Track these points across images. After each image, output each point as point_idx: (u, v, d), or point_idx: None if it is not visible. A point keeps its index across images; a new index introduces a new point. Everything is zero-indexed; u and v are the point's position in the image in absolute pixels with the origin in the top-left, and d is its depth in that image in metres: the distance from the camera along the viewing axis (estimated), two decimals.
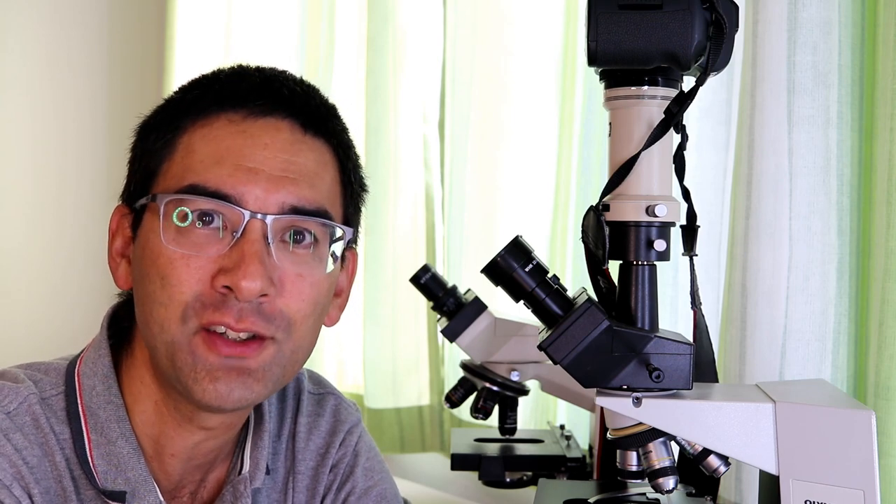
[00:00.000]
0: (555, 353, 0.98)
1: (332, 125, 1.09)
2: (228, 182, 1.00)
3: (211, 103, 1.04)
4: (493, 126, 1.95)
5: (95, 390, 1.05)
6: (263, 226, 1.00)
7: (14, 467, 0.99)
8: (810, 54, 1.29)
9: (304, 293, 1.02)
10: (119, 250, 1.09)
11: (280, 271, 1.00)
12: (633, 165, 1.00)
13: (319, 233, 1.04)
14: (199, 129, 1.04)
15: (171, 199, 1.01)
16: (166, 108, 1.08)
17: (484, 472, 1.50)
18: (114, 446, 1.03)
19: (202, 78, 1.09)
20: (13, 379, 1.05)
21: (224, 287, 0.98)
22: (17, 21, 2.89)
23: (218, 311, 0.98)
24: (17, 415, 1.02)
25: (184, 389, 1.01)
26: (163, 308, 0.99)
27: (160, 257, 1.00)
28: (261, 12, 2.54)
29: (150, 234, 1.02)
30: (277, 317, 1.01)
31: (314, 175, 1.04)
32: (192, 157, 1.02)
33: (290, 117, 1.05)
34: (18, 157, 2.91)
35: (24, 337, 2.86)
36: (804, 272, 1.30)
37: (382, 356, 2.16)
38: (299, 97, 1.07)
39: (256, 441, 1.13)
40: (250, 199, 1.00)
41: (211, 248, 0.99)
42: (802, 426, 0.99)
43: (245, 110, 1.04)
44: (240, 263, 0.98)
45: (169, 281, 0.99)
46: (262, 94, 1.05)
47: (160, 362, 1.02)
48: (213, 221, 1.00)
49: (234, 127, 1.03)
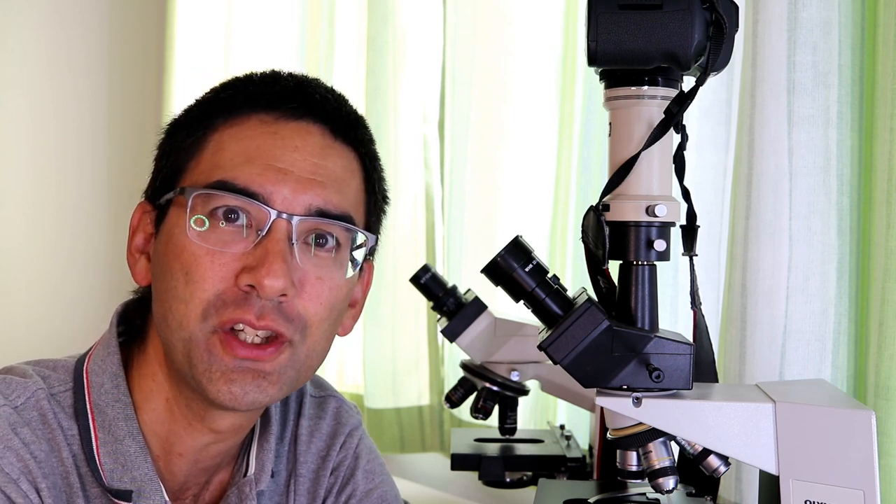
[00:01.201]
0: (555, 353, 0.98)
1: (361, 134, 1.10)
2: (258, 180, 1.01)
3: (243, 103, 1.05)
4: (493, 126, 1.95)
5: (104, 388, 1.05)
6: (289, 226, 1.00)
7: (21, 461, 0.98)
8: (810, 54, 1.29)
9: (323, 296, 1.03)
10: (139, 246, 1.09)
11: (301, 273, 1.01)
12: (633, 165, 0.99)
13: (342, 237, 1.05)
14: (230, 128, 1.04)
15: (199, 194, 1.01)
16: (197, 107, 1.09)
17: (484, 472, 1.50)
18: (121, 445, 1.04)
19: (235, 79, 1.10)
20: (21, 374, 1.05)
21: (247, 285, 0.99)
22: (17, 21, 2.89)
23: (239, 309, 0.99)
24: (24, 409, 1.02)
25: (198, 387, 1.01)
26: (183, 304, 1.00)
27: (184, 252, 1.00)
28: (261, 12, 2.54)
29: (174, 228, 1.03)
30: (295, 318, 1.01)
31: (341, 181, 1.05)
32: (221, 155, 1.03)
33: (321, 122, 1.06)
34: (18, 157, 2.91)
35: (24, 337, 2.86)
36: (804, 272, 1.30)
37: (382, 356, 2.16)
38: (330, 103, 1.08)
39: (262, 443, 1.13)
40: (278, 198, 1.01)
41: (236, 245, 1.00)
42: (802, 426, 0.99)
43: (277, 112, 1.05)
44: (263, 261, 0.98)
45: (192, 277, 0.99)
46: (295, 97, 1.06)
47: (176, 359, 1.02)
48: (238, 219, 1.01)
49: (266, 128, 1.04)
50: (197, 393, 1.03)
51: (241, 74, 1.11)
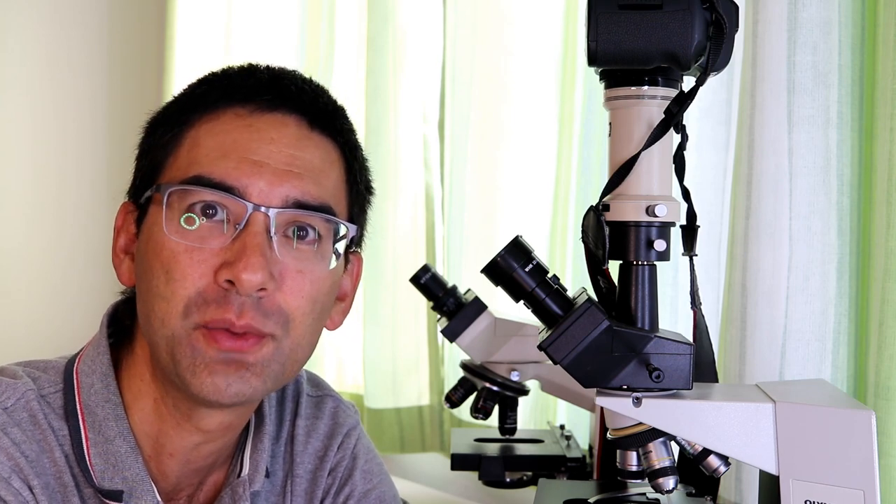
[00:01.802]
0: (555, 353, 0.98)
1: (340, 124, 1.09)
2: (233, 174, 1.00)
3: (219, 98, 1.05)
4: (493, 126, 1.95)
5: (94, 388, 1.05)
6: (266, 219, 0.99)
7: (12, 460, 0.98)
8: (810, 54, 1.29)
9: (304, 290, 1.02)
10: (123, 247, 1.09)
11: (281, 266, 1.00)
12: (633, 165, 0.99)
13: (323, 229, 1.04)
14: (206, 123, 1.04)
15: (175, 190, 1.01)
16: (175, 104, 1.08)
17: (484, 472, 1.50)
18: (111, 445, 1.03)
19: (211, 74, 1.09)
20: (11, 375, 1.05)
21: (226, 282, 0.98)
22: (17, 21, 2.89)
23: (220, 308, 0.98)
24: (14, 410, 1.01)
25: (182, 384, 1.00)
26: (165, 302, 0.99)
27: (163, 250, 1.00)
28: (261, 12, 2.54)
29: (153, 226, 1.02)
30: (275, 312, 1.00)
31: (319, 171, 1.04)
32: (197, 150, 1.02)
33: (297, 113, 1.05)
34: (18, 157, 2.91)
35: (24, 337, 2.86)
36: (804, 272, 1.30)
37: (382, 356, 2.15)
38: (307, 94, 1.07)
39: (256, 444, 1.13)
40: (254, 191, 1.00)
41: (214, 240, 0.99)
42: (802, 426, 0.99)
43: (252, 105, 1.04)
44: (241, 255, 0.98)
45: (172, 276, 0.99)
46: (270, 89, 1.05)
47: (160, 357, 1.02)
48: (217, 214, 1.00)
49: (241, 121, 1.03)
50: (182, 392, 1.02)
51: (217, 69, 1.10)
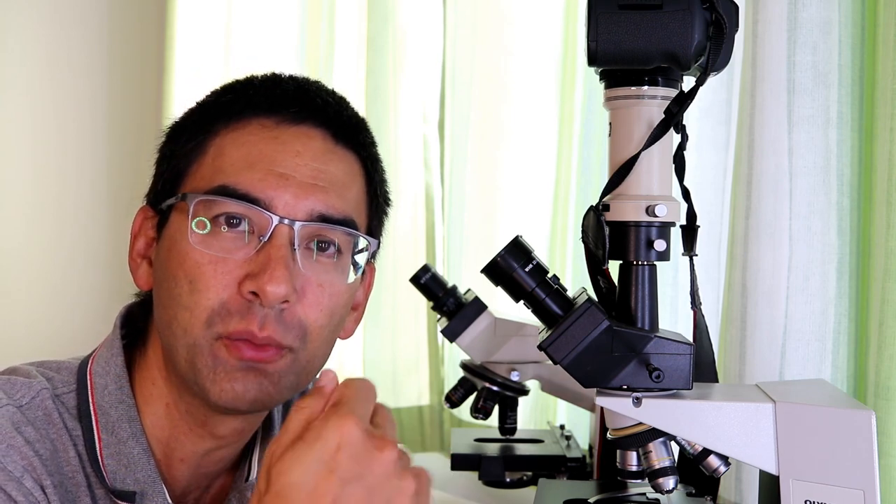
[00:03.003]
0: (555, 353, 0.98)
1: (363, 137, 1.10)
2: (259, 186, 1.00)
3: (244, 107, 1.05)
4: (493, 126, 1.95)
5: (107, 389, 1.05)
6: (291, 232, 1.00)
7: (25, 459, 0.98)
8: (810, 54, 1.29)
9: (323, 303, 1.02)
10: (141, 251, 1.09)
11: (303, 279, 1.01)
12: (633, 165, 0.99)
13: (344, 243, 1.04)
14: (231, 133, 1.04)
15: (200, 200, 1.01)
16: (198, 111, 1.09)
17: (484, 472, 1.50)
18: (124, 446, 1.03)
19: (235, 83, 1.10)
20: (25, 375, 1.05)
21: (250, 293, 0.98)
22: (17, 21, 2.89)
23: (244, 320, 0.99)
24: (29, 409, 1.01)
25: (200, 391, 1.01)
26: (188, 312, 1.00)
27: (187, 259, 1.00)
28: (261, 12, 2.53)
29: (176, 234, 1.02)
30: (295, 326, 1.01)
31: (343, 185, 1.05)
32: (222, 160, 1.03)
33: (322, 127, 1.06)
34: (18, 157, 2.91)
35: (24, 337, 2.86)
36: (804, 272, 1.30)
37: (382, 356, 2.16)
38: (332, 107, 1.08)
39: (265, 448, 1.13)
40: (279, 204, 1.00)
41: (238, 251, 1.00)
42: (802, 426, 0.99)
43: (278, 116, 1.04)
44: (265, 268, 0.98)
45: (196, 286, 0.99)
46: (296, 101, 1.05)
47: (178, 364, 1.02)
48: (240, 225, 1.01)
49: (267, 132, 1.03)
50: (198, 398, 1.03)
51: (241, 77, 1.10)
